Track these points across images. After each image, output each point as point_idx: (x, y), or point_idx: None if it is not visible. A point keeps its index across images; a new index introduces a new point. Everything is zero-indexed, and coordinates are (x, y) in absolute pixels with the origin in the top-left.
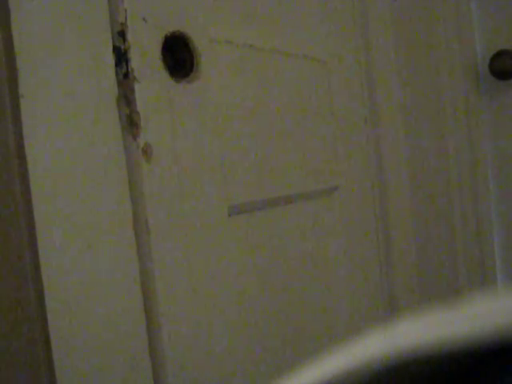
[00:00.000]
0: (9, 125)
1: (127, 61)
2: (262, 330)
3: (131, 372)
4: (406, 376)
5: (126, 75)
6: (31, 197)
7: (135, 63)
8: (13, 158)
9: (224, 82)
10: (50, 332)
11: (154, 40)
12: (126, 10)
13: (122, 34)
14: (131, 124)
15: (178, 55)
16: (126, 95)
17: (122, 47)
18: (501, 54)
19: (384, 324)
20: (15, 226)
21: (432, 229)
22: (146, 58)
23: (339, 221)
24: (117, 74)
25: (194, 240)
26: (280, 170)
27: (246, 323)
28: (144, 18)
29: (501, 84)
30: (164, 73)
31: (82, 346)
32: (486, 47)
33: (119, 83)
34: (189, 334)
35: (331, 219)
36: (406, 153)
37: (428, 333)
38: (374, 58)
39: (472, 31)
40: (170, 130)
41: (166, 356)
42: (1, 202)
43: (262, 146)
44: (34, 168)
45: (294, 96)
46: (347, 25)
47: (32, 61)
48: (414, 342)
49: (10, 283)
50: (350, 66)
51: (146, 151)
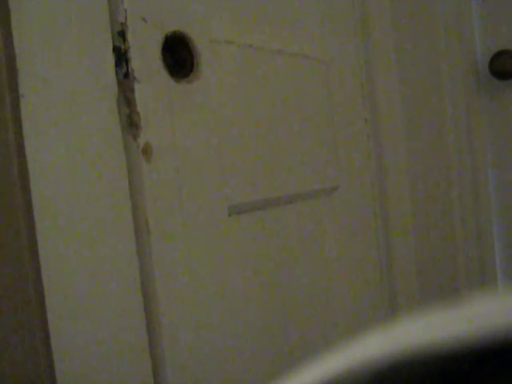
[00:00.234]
0: (9, 125)
1: (127, 61)
2: (261, 329)
3: (131, 372)
4: (405, 376)
5: (126, 75)
6: (31, 197)
7: (135, 63)
8: (13, 157)
9: (224, 81)
10: (50, 332)
11: (154, 40)
12: (125, 10)
13: (122, 34)
14: (131, 124)
15: (178, 55)
16: (126, 95)
17: (122, 47)
18: (501, 54)
19: (384, 324)
20: (15, 226)
21: (432, 229)
22: (146, 57)
23: (339, 221)
24: (117, 73)
25: (194, 240)
26: (280, 170)
27: (246, 323)
28: (144, 18)
29: (501, 84)
30: (164, 73)
31: (82, 346)
32: (486, 47)
33: (119, 83)
34: (189, 333)
35: (331, 219)
36: (406, 153)
37: (428, 333)
38: (374, 58)
39: (472, 31)
40: (170, 130)
41: (166, 356)
42: (1, 202)
43: (262, 146)
44: (34, 168)
45: (294, 96)
46: (347, 25)
47: (32, 61)
48: (414, 342)
49: (10, 283)
50: (349, 66)
51: (146, 151)
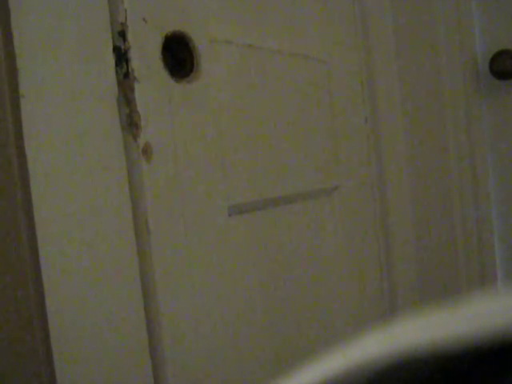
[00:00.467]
0: (9, 125)
1: (127, 61)
2: (261, 329)
3: (131, 372)
4: (405, 376)
5: (126, 75)
6: (31, 197)
7: (135, 63)
8: (13, 157)
9: (224, 81)
10: (50, 332)
11: (154, 40)
12: (126, 10)
13: (122, 34)
14: (131, 124)
15: (178, 55)
16: (126, 95)
17: (122, 47)
18: (501, 54)
19: (384, 324)
20: (15, 226)
21: (432, 229)
22: (146, 57)
23: (339, 221)
24: (117, 73)
25: (194, 240)
26: (280, 170)
27: (246, 323)
28: (144, 18)
29: (501, 84)
30: (164, 73)
31: (82, 346)
32: (486, 47)
33: (119, 83)
34: (189, 333)
35: (331, 219)
36: (406, 153)
37: (428, 333)
38: (374, 58)
39: (472, 31)
40: (170, 130)
41: (166, 356)
42: (1, 202)
43: (262, 146)
44: (34, 168)
45: (294, 96)
46: (347, 25)
47: (32, 61)
48: (414, 342)
49: (10, 283)
50: (350, 65)
51: (146, 151)
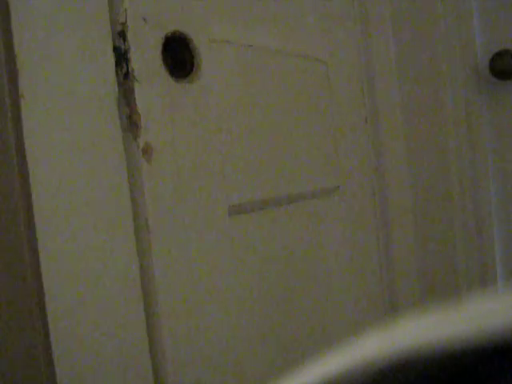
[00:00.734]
0: (9, 125)
1: (127, 61)
2: (262, 329)
3: (131, 372)
4: (405, 376)
5: (126, 75)
6: (31, 197)
7: (135, 63)
8: (13, 158)
9: (224, 81)
10: (50, 332)
11: (154, 40)
12: (126, 10)
13: (122, 34)
14: (131, 124)
15: (178, 55)
16: (126, 95)
17: (122, 47)
18: (501, 54)
19: (384, 324)
20: (15, 226)
21: (432, 229)
22: (146, 58)
23: (339, 221)
24: (117, 74)
25: (194, 240)
26: (280, 170)
27: (246, 323)
28: (144, 18)
29: (501, 84)
30: (164, 73)
31: (82, 346)
32: (487, 47)
33: (119, 83)
34: (189, 333)
35: (331, 219)
36: (406, 152)
37: (428, 333)
38: (374, 58)
39: (472, 31)
40: (170, 130)
41: (166, 356)
42: (1, 202)
43: (262, 146)
44: (34, 168)
45: (294, 96)
46: (347, 25)
47: (32, 61)
48: (414, 342)
49: (10, 284)
50: (350, 65)
51: (146, 151)
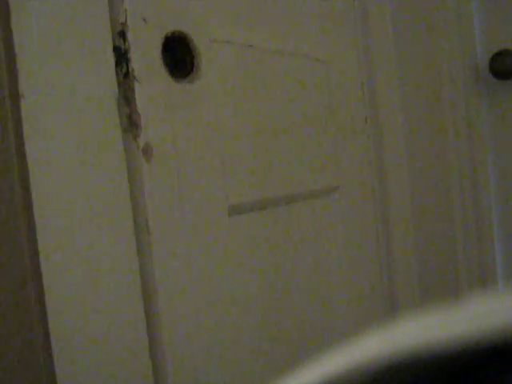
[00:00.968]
0: (9, 125)
1: (127, 61)
2: (262, 329)
3: (131, 372)
4: (405, 376)
5: (127, 75)
6: (31, 197)
7: (135, 63)
8: (13, 157)
9: (224, 81)
10: (50, 332)
11: (154, 40)
12: (126, 10)
13: (122, 34)
14: (131, 124)
15: (178, 55)
16: (126, 95)
17: (122, 47)
18: (501, 54)
19: (384, 324)
20: (15, 226)
21: (432, 229)
22: (147, 58)
23: (339, 221)
24: (117, 74)
25: (194, 240)
26: (280, 170)
27: (246, 322)
28: (144, 18)
29: (501, 84)
30: (164, 73)
31: (82, 346)
32: (486, 47)
33: (119, 83)
34: (189, 333)
35: (331, 219)
36: (406, 153)
37: (428, 333)
38: (374, 58)
39: (472, 31)
40: (170, 130)
41: (166, 356)
42: (1, 202)
43: (262, 146)
44: (34, 168)
45: (294, 96)
46: (347, 25)
47: (32, 61)
48: (414, 342)
49: (10, 284)
50: (350, 65)
51: (146, 151)
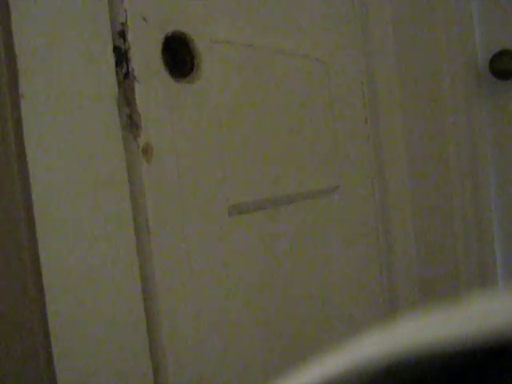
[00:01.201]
0: (9, 125)
1: (127, 61)
2: (262, 329)
3: (131, 372)
4: (405, 376)
5: (127, 75)
6: (31, 197)
7: (135, 63)
8: (13, 157)
9: (224, 82)
10: (50, 332)
11: (154, 40)
12: (126, 10)
13: (123, 34)
14: (131, 124)
15: (178, 55)
16: (126, 95)
17: (123, 47)
18: (501, 54)
19: (384, 324)
20: (16, 225)
21: (432, 229)
22: (147, 58)
23: (339, 221)
24: (117, 74)
25: (194, 240)
26: (280, 170)
27: (247, 323)
28: (144, 18)
29: (501, 84)
30: (164, 73)
31: (83, 346)
32: (487, 47)
33: (119, 83)
34: (189, 333)
35: (331, 219)
36: (406, 153)
37: (428, 333)
38: (374, 58)
39: (472, 31)
40: (170, 130)
41: (166, 356)
42: (1, 202)
43: (262, 146)
44: (34, 168)
45: (294, 96)
46: (347, 25)
47: (32, 61)
48: (414, 342)
49: (10, 284)
50: (349, 65)
51: (146, 151)
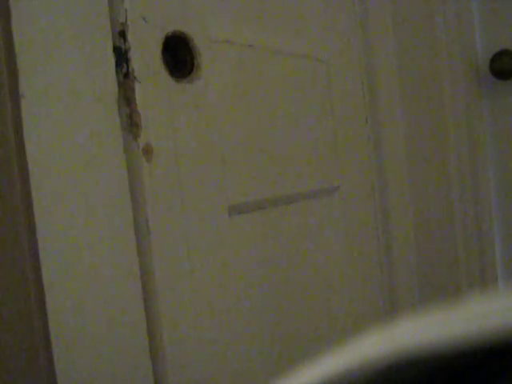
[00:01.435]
0: (9, 125)
1: (127, 61)
2: (262, 329)
3: (132, 372)
4: (405, 376)
5: (127, 75)
6: (31, 197)
7: (136, 63)
8: (13, 157)
9: (224, 81)
10: (50, 332)
11: (154, 40)
12: (126, 10)
13: (123, 34)
14: (131, 124)
15: (178, 55)
16: (126, 95)
17: (123, 47)
18: (501, 54)
19: (384, 324)
20: (15, 226)
21: (432, 229)
22: (147, 57)
23: (339, 220)
24: (117, 74)
25: (194, 240)
26: (280, 170)
27: (247, 323)
28: (144, 18)
29: (501, 84)
30: (164, 73)
31: (83, 346)
32: (487, 47)
33: (119, 83)
34: (189, 333)
35: (331, 219)
36: (406, 152)
37: (428, 333)
38: (374, 58)
39: (472, 31)
40: (170, 130)
41: (166, 356)
42: (1, 202)
43: (262, 146)
44: (34, 168)
45: (294, 96)
46: (347, 25)
47: (32, 61)
48: (414, 342)
49: (10, 284)
50: (349, 65)
51: (146, 151)
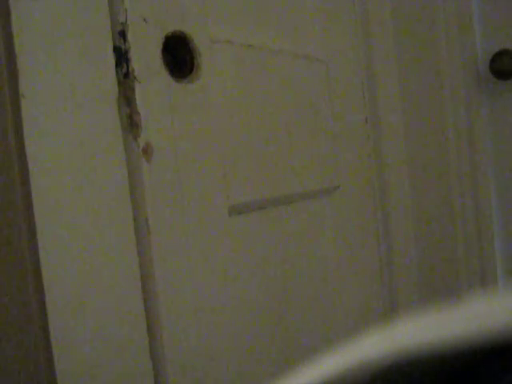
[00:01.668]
0: (9, 125)
1: (128, 61)
2: (261, 329)
3: (132, 372)
4: (405, 376)
5: (127, 75)
6: (32, 197)
7: (136, 63)
8: (13, 157)
9: (224, 81)
10: (50, 332)
11: (154, 40)
12: (126, 10)
13: (123, 34)
14: (131, 124)
15: (179, 55)
16: (126, 95)
17: (123, 47)
18: (501, 54)
19: (384, 324)
20: (16, 226)
21: (432, 229)
22: (147, 57)
23: (339, 220)
24: (117, 74)
25: (194, 240)
26: (280, 170)
27: (247, 323)
28: (144, 18)
29: (501, 84)
30: (164, 73)
31: (83, 346)
32: (487, 47)
33: (120, 83)
34: (189, 333)
35: (331, 219)
36: (406, 152)
37: (428, 333)
38: (374, 58)
39: (472, 31)
40: (171, 130)
41: (166, 356)
42: (1, 202)
43: (262, 146)
44: (34, 168)
45: (294, 96)
46: (347, 25)
47: (32, 61)
48: (414, 342)
49: (10, 283)
50: (349, 65)
51: (146, 151)
